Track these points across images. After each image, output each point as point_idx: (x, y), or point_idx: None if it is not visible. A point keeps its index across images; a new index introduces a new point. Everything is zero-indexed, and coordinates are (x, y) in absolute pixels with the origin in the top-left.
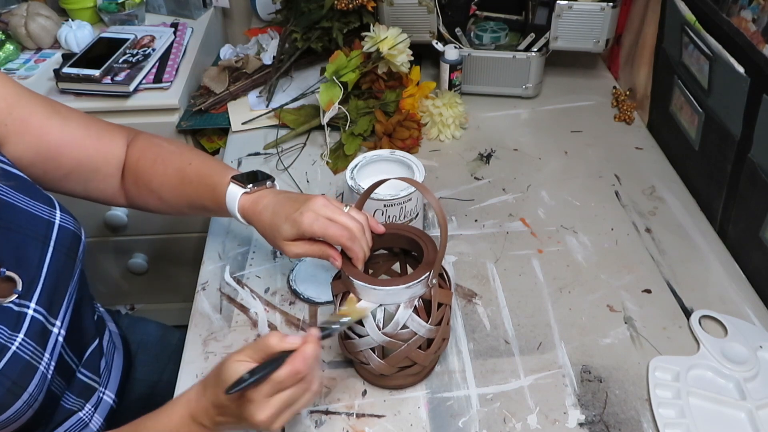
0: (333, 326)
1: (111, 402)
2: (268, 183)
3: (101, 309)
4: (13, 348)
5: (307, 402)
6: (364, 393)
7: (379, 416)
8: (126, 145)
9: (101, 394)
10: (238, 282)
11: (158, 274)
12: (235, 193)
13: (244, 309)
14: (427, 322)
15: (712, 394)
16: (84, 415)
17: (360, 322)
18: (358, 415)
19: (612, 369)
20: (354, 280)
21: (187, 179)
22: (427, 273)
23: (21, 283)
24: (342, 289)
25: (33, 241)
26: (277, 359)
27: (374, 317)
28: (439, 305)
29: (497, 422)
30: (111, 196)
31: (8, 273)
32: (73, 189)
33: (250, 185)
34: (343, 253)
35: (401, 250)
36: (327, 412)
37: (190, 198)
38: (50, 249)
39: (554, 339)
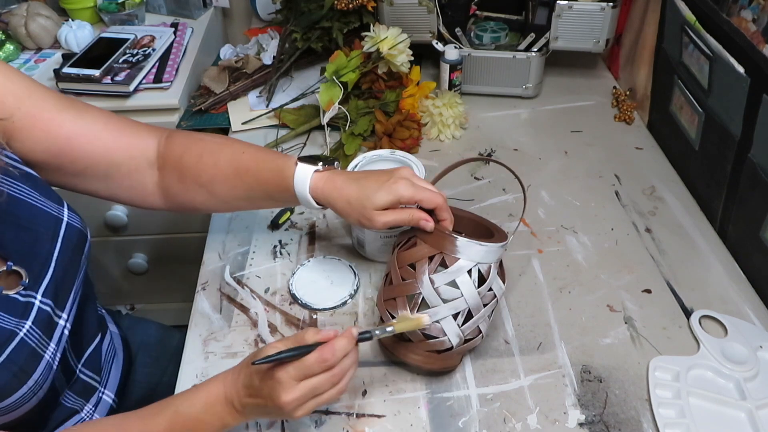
0: (375, 332)
1: (111, 402)
2: (336, 164)
3: (102, 310)
4: (21, 334)
5: (332, 397)
6: (364, 393)
7: (379, 416)
8: (157, 142)
9: (101, 394)
10: (238, 282)
11: (158, 274)
12: (306, 173)
13: (244, 309)
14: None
15: (712, 394)
16: (85, 415)
17: (455, 283)
18: (358, 415)
19: (612, 369)
20: (458, 237)
21: (243, 168)
22: (509, 238)
23: (27, 276)
24: (427, 253)
25: (42, 237)
26: (310, 347)
27: (470, 275)
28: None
29: (497, 422)
30: (142, 195)
31: (15, 267)
32: (95, 188)
33: (320, 163)
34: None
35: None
36: (327, 412)
37: (250, 187)
38: (58, 245)
39: (554, 339)
